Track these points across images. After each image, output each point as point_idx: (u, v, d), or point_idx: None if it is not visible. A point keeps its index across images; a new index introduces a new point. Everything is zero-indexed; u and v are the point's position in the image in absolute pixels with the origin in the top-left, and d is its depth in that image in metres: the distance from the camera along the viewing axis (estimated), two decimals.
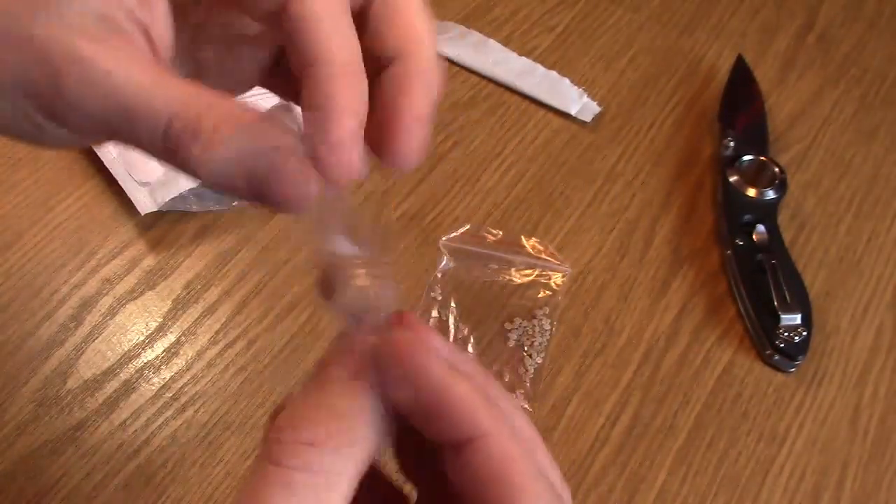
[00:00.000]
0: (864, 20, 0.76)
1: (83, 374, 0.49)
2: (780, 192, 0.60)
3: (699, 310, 0.56)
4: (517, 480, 0.22)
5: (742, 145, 0.62)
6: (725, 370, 0.53)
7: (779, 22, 0.75)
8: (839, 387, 0.53)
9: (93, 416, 0.48)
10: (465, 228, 0.57)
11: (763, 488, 0.49)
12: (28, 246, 0.54)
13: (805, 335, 0.53)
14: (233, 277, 0.54)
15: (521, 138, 0.64)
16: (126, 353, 0.50)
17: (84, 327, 0.51)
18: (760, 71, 0.70)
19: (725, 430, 0.51)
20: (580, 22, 0.73)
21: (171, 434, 0.47)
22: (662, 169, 0.63)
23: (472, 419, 0.22)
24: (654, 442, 0.50)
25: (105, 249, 0.54)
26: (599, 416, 0.50)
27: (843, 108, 0.69)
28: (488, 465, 0.22)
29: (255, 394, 0.49)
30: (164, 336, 0.51)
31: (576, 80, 0.68)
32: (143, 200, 0.54)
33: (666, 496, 0.48)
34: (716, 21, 0.75)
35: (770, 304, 0.54)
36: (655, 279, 0.57)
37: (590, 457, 0.49)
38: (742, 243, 0.57)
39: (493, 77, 0.67)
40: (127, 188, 0.55)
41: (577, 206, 0.60)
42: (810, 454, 0.50)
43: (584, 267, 0.57)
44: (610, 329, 0.54)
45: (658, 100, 0.68)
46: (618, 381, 0.52)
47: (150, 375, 0.49)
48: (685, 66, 0.71)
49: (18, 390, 0.48)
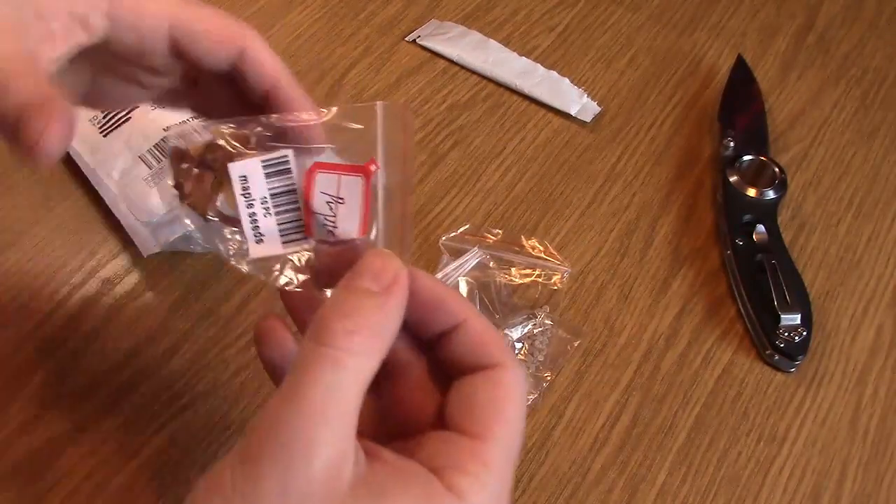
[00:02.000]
0: (864, 20, 0.76)
1: (83, 375, 0.49)
2: (780, 192, 0.60)
3: (699, 310, 0.56)
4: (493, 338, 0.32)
5: (742, 145, 0.62)
6: (725, 370, 0.53)
7: (779, 22, 0.75)
8: (839, 387, 0.53)
9: (93, 416, 0.48)
10: (465, 228, 0.57)
11: (763, 488, 0.49)
12: (28, 246, 0.54)
13: (805, 335, 0.53)
14: (233, 277, 0.54)
15: (521, 138, 0.64)
16: (126, 353, 0.50)
17: (84, 327, 0.51)
18: (760, 71, 0.70)
19: (725, 430, 0.51)
20: (580, 22, 0.73)
21: (171, 434, 0.47)
22: (662, 169, 0.63)
23: (459, 308, 0.32)
24: (654, 442, 0.50)
25: (105, 249, 0.54)
26: (599, 416, 0.50)
27: (843, 108, 0.69)
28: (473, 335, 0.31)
29: (255, 394, 0.49)
30: (164, 336, 0.51)
31: (576, 80, 0.68)
32: (145, 241, 0.53)
33: (666, 496, 0.48)
34: (716, 21, 0.75)
35: (770, 304, 0.54)
36: (655, 279, 0.57)
37: (590, 457, 0.49)
38: (742, 243, 0.57)
39: (493, 77, 0.67)
40: (129, 227, 0.54)
41: (577, 206, 0.60)
42: (810, 454, 0.50)
43: (584, 267, 0.57)
44: (610, 329, 0.54)
45: (658, 100, 0.68)
46: (618, 381, 0.52)
47: (150, 375, 0.49)
48: (685, 66, 0.71)
49: (18, 390, 0.48)
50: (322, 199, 0.32)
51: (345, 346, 0.28)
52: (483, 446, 0.29)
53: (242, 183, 0.33)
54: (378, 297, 0.29)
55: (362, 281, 0.30)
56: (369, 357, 0.28)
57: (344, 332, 0.28)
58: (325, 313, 0.29)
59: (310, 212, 0.33)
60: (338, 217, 0.32)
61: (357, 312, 0.29)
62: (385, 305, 0.29)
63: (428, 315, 0.32)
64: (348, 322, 0.28)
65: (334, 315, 0.28)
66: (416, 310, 0.31)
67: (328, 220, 0.33)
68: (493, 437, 0.30)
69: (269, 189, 0.33)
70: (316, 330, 0.28)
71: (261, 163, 0.33)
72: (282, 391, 0.27)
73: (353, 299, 0.29)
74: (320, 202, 0.32)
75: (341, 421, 0.27)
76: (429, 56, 0.69)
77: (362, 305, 0.29)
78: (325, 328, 0.28)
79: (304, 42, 0.68)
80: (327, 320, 0.28)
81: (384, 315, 0.29)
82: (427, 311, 0.32)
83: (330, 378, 0.27)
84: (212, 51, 0.33)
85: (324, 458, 0.26)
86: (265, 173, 0.33)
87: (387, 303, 0.29)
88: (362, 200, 0.32)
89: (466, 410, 0.31)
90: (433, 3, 0.73)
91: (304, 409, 0.27)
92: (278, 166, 0.33)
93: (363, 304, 0.29)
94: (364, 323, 0.28)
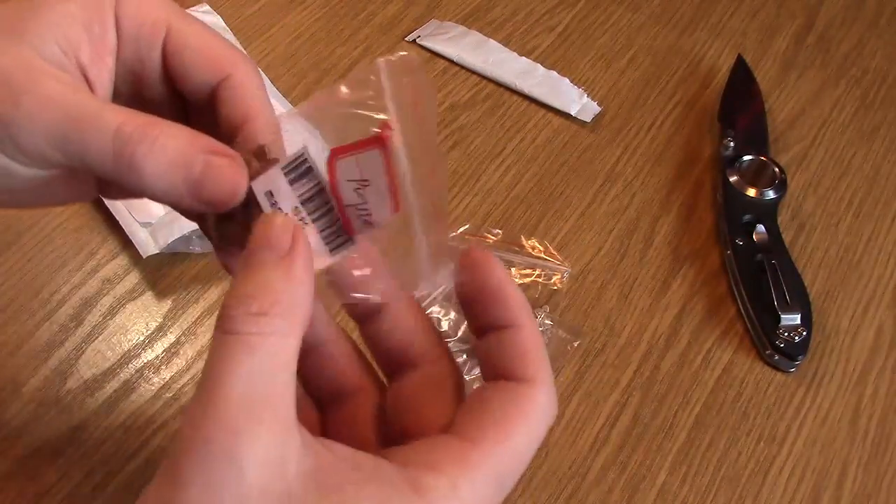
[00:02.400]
0: (864, 20, 0.76)
1: (83, 374, 0.49)
2: (780, 192, 0.60)
3: (699, 310, 0.56)
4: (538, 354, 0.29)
5: (742, 145, 0.62)
6: (725, 370, 0.53)
7: (779, 22, 0.75)
8: (839, 387, 0.53)
9: (93, 416, 0.48)
10: (465, 228, 0.57)
11: (763, 488, 0.49)
12: (28, 246, 0.54)
13: (805, 335, 0.53)
14: None
15: (521, 138, 0.64)
16: (126, 353, 0.50)
17: (84, 327, 0.51)
18: (760, 71, 0.70)
19: (725, 430, 0.51)
20: (580, 22, 0.73)
21: (171, 434, 0.47)
22: (662, 169, 0.63)
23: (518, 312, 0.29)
24: (654, 442, 0.50)
25: (105, 249, 0.54)
26: (599, 416, 0.50)
27: (843, 108, 0.69)
28: (520, 344, 0.29)
29: None
30: (164, 336, 0.51)
31: (576, 80, 0.68)
32: (144, 242, 0.53)
33: (666, 496, 0.48)
34: (716, 21, 0.75)
35: (770, 304, 0.54)
36: (655, 279, 0.57)
37: (590, 457, 0.49)
38: (742, 243, 0.57)
39: (493, 77, 0.67)
40: (128, 229, 0.54)
41: (577, 206, 0.60)
42: (810, 454, 0.50)
43: (584, 267, 0.57)
44: (610, 329, 0.54)
45: (658, 100, 0.68)
46: (618, 381, 0.52)
47: (150, 375, 0.49)
48: (685, 66, 0.71)
49: (18, 390, 0.48)
50: (349, 188, 0.28)
51: (255, 329, 0.25)
52: (472, 451, 0.26)
53: (269, 200, 0.29)
54: (279, 267, 0.26)
55: (259, 253, 0.27)
56: (285, 335, 0.25)
57: (249, 314, 0.25)
58: (228, 298, 0.26)
59: (343, 206, 0.29)
60: (369, 203, 0.28)
61: (261, 290, 0.25)
62: (290, 273, 0.26)
63: (486, 307, 0.29)
64: (253, 303, 0.25)
65: (237, 297, 0.25)
66: (477, 298, 0.29)
67: (361, 209, 0.29)
68: (486, 444, 0.27)
69: (298, 196, 0.29)
70: (220, 317, 0.25)
71: (281, 171, 0.29)
72: (196, 394, 0.24)
73: (254, 275, 0.26)
74: (349, 192, 0.28)
75: (272, 415, 0.24)
76: (429, 56, 0.69)
77: (265, 279, 0.26)
78: (229, 314, 0.25)
79: (304, 42, 0.68)
80: (230, 305, 0.25)
81: (291, 284, 0.26)
82: (486, 303, 0.29)
83: (246, 368, 0.24)
84: (200, 69, 0.31)
85: (257, 464, 0.23)
86: (288, 181, 0.29)
87: (291, 269, 0.26)
88: (386, 175, 0.28)
89: (473, 415, 0.28)
90: (433, 3, 0.73)
91: (222, 411, 0.23)
92: (299, 168, 0.29)
93: (266, 278, 0.26)
94: (271, 299, 0.25)
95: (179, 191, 0.28)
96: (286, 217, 0.28)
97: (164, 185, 0.28)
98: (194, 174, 0.28)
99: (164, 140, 0.27)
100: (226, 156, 0.28)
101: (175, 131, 0.28)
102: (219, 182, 0.28)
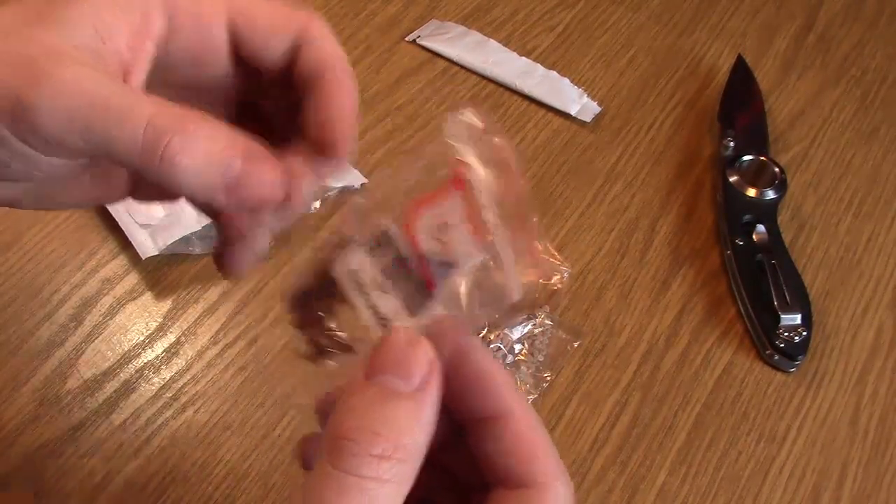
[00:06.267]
0: (864, 20, 0.76)
1: (83, 374, 0.49)
2: (780, 192, 0.60)
3: (699, 310, 0.56)
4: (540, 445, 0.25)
5: (742, 145, 0.62)
6: (725, 370, 0.53)
7: (779, 22, 0.75)
8: (839, 387, 0.53)
9: (93, 416, 0.48)
10: None
11: (763, 488, 0.49)
12: (28, 246, 0.54)
13: (805, 335, 0.53)
14: None
15: (521, 138, 0.64)
16: (126, 353, 0.50)
17: (84, 327, 0.51)
18: (760, 71, 0.70)
19: (725, 430, 0.51)
20: (580, 22, 0.73)
21: (171, 434, 0.47)
22: (662, 169, 0.63)
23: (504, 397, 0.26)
24: (654, 442, 0.50)
25: (105, 249, 0.54)
26: (599, 416, 0.50)
27: (843, 108, 0.69)
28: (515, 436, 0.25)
29: (255, 394, 0.49)
30: (164, 336, 0.51)
31: (576, 80, 0.68)
32: (144, 243, 0.53)
33: (666, 496, 0.48)
34: (716, 21, 0.75)
35: (770, 304, 0.54)
36: (655, 279, 0.57)
37: (590, 457, 0.49)
38: (742, 243, 0.57)
39: (493, 77, 0.67)
40: (128, 230, 0.54)
41: (577, 206, 0.60)
42: (810, 454, 0.50)
43: (584, 267, 0.57)
44: (610, 329, 0.54)
45: (658, 100, 0.68)
46: (618, 381, 0.52)
47: (150, 375, 0.49)
48: (685, 66, 0.71)
49: (18, 390, 0.48)
50: (429, 238, 0.27)
51: (374, 475, 0.22)
52: None
53: (353, 278, 0.27)
54: (410, 401, 0.23)
55: (388, 377, 0.24)
56: (401, 483, 0.23)
57: (372, 456, 0.22)
58: (345, 426, 0.23)
59: (424, 261, 0.27)
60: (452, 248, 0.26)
61: (386, 425, 0.23)
62: (420, 413, 0.23)
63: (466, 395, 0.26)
64: (376, 442, 0.22)
65: (360, 430, 0.23)
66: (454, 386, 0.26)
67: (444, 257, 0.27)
68: None
69: (380, 268, 0.27)
70: (335, 449, 0.23)
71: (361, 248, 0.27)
72: None
73: (379, 405, 0.23)
74: (428, 243, 0.27)
75: None
76: (429, 56, 0.69)
77: (392, 415, 0.23)
78: (350, 450, 0.22)
79: None
80: (352, 438, 0.23)
81: (419, 425, 0.23)
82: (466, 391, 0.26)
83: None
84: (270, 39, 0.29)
85: None
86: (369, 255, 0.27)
87: (421, 409, 0.23)
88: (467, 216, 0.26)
89: None
90: (433, 3, 0.73)
91: None
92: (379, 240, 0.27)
93: (393, 413, 0.23)
94: (396, 440, 0.23)
95: (216, 188, 0.26)
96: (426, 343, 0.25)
97: (200, 182, 0.26)
98: (234, 171, 0.26)
99: (202, 134, 0.25)
100: (266, 157, 0.26)
101: (212, 126, 0.26)
102: (260, 181, 0.26)
